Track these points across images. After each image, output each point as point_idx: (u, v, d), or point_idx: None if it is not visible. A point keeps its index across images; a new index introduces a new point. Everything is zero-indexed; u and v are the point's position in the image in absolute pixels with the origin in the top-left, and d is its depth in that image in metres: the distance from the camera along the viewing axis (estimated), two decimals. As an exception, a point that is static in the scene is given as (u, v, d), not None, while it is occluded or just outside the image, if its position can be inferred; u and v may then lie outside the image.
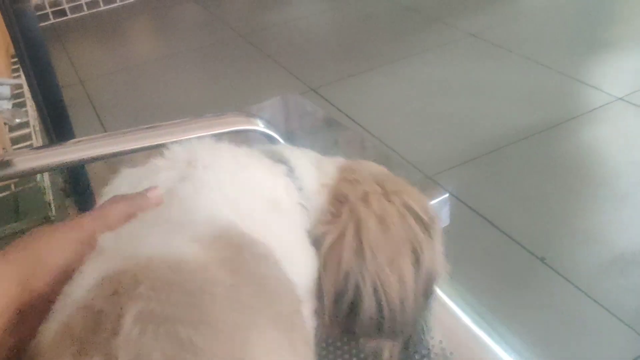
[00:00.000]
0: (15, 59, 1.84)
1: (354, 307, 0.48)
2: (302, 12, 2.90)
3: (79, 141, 0.66)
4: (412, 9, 2.72)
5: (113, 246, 0.38)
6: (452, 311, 0.63)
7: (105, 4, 3.09)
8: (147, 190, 0.45)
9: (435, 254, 0.51)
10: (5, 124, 1.44)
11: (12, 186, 1.30)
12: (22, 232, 1.18)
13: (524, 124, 1.78)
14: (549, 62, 2.12)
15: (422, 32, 2.48)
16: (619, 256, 1.26)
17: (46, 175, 1.39)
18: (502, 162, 1.63)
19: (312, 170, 0.55)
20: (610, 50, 2.21)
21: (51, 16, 2.99)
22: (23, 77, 1.21)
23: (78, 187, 0.80)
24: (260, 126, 0.59)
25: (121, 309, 0.32)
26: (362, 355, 0.59)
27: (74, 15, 3.03)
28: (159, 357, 0.30)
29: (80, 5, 3.05)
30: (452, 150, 1.69)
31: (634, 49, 2.21)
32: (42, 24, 2.94)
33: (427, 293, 0.51)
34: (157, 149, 0.50)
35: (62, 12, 3.01)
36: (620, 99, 1.88)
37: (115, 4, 3.11)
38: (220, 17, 2.90)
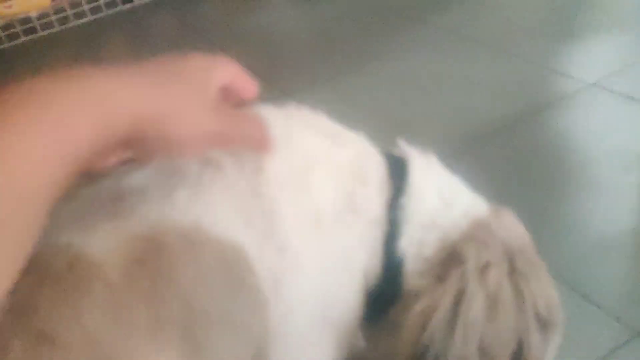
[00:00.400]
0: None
1: None
2: (276, 17, 2.89)
3: None
4: (386, 8, 2.73)
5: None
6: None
7: (75, 18, 3.06)
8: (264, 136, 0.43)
9: (546, 356, 0.45)
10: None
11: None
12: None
13: (498, 116, 1.79)
14: (521, 53, 2.13)
15: (396, 30, 2.48)
16: (596, 244, 1.27)
17: None
18: (477, 155, 1.63)
19: (433, 201, 0.47)
20: (580, 37, 2.23)
21: (21, 34, 2.95)
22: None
23: None
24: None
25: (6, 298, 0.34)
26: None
27: (44, 32, 3.00)
28: (18, 347, 0.31)
29: (51, 22, 3.02)
30: (426, 147, 1.70)
31: (602, 34, 2.23)
32: (12, 43, 2.91)
33: None
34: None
35: (33, 30, 2.98)
36: (592, 84, 1.89)
37: (86, 18, 3.09)
38: (194, 26, 2.89)
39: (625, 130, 1.69)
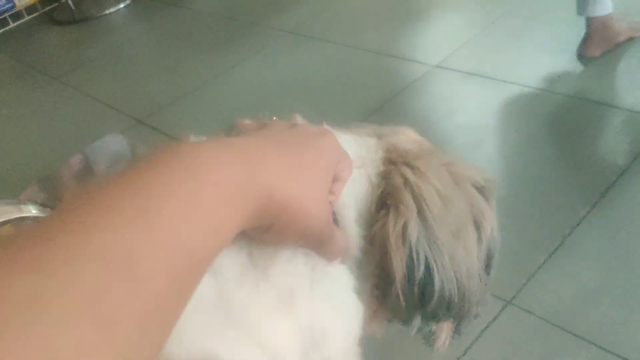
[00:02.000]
0: None
1: (425, 286, 0.43)
2: (118, 40, 2.78)
3: None
4: (228, 17, 2.70)
5: None
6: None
7: None
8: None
9: (495, 223, 0.46)
10: None
11: None
12: None
13: (353, 110, 1.82)
14: (366, 45, 2.18)
15: (242, 38, 2.46)
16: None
17: None
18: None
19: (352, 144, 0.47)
20: (419, 21, 2.33)
21: None
22: None
23: None
24: (32, 212, 0.53)
25: None
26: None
27: None
28: None
29: None
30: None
31: (437, 16, 2.35)
32: None
33: (488, 267, 0.47)
34: None
35: None
36: (436, 66, 1.98)
37: None
38: (30, 63, 2.71)
39: (471, 106, 1.78)
